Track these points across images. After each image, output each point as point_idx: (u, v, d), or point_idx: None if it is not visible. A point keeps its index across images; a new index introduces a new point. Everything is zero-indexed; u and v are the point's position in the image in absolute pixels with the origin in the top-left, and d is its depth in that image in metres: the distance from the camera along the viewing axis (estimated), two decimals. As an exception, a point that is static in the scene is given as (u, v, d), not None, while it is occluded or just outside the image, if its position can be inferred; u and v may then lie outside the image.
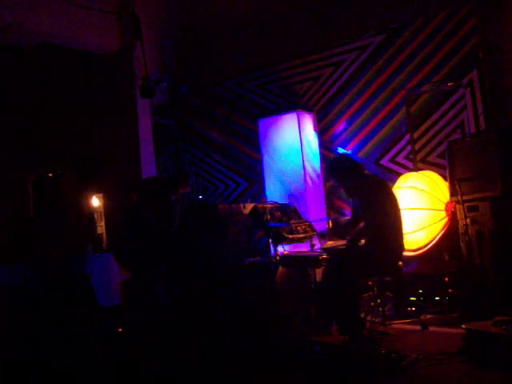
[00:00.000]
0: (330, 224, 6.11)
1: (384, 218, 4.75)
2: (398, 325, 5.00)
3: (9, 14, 6.75)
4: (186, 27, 8.75)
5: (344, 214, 6.90)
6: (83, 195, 8.33)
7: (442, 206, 5.46)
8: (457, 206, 5.16)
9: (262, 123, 7.19)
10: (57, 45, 7.76)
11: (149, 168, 8.06)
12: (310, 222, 5.85)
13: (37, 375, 4.14)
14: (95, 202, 9.39)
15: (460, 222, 5.10)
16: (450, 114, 6.13)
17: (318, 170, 7.07)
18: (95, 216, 9.45)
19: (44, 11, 7.09)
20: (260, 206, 5.77)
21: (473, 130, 5.87)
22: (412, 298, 5.34)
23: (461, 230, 5.08)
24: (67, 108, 9.75)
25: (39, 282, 6.40)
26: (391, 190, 5.08)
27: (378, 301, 5.06)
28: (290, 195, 6.05)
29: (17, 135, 9.86)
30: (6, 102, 9.65)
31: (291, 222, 5.62)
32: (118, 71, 8.23)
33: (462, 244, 5.07)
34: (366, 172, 5.29)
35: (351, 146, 6.90)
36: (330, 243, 6.25)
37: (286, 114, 6.97)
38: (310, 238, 5.67)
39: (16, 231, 8.68)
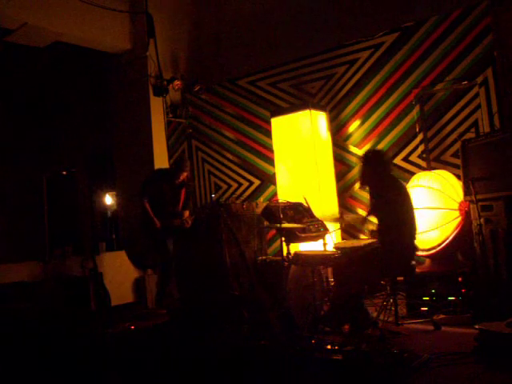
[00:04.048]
0: (343, 223, 6.11)
1: (399, 217, 4.75)
2: (411, 325, 4.98)
3: (22, 14, 6.81)
4: (198, 26, 8.77)
5: (356, 213, 6.89)
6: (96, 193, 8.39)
7: (456, 206, 5.43)
8: (470, 205, 5.12)
9: (275, 122, 7.19)
10: (70, 44, 7.82)
11: (162, 166, 8.09)
12: (322, 221, 5.84)
13: (48, 371, 4.18)
14: (108, 199, 9.46)
15: (474, 221, 5.06)
16: (464, 113, 6.09)
17: (331, 169, 7.06)
18: (108, 214, 9.51)
19: (57, 11, 7.15)
20: (272, 204, 5.77)
21: (487, 129, 5.83)
22: (425, 298, 5.30)
23: (474, 230, 5.04)
24: (81, 107, 9.84)
25: (53, 279, 6.46)
26: (406, 190, 5.07)
27: (391, 300, 5.04)
28: (303, 194, 6.03)
29: (31, 134, 9.96)
30: (20, 102, 9.75)
31: (304, 220, 5.61)
32: (132, 70, 8.28)
33: (475, 244, 5.03)
34: (391, 171, 5.29)
35: (364, 144, 6.88)
36: (342, 242, 6.25)
37: (298, 112, 6.96)
38: (323, 236, 5.65)
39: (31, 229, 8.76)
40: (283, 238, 5.37)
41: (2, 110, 9.33)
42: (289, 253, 5.26)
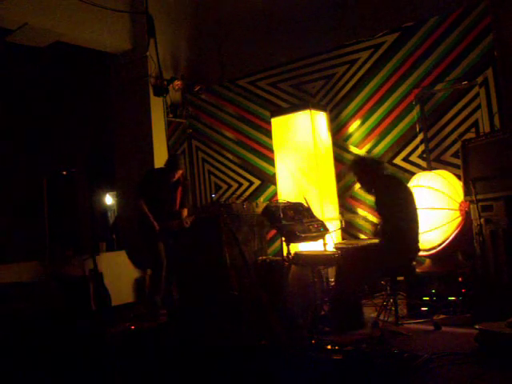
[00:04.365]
0: (343, 223, 6.11)
1: (401, 217, 4.75)
2: (411, 325, 4.97)
3: (22, 14, 6.81)
4: (198, 26, 8.77)
5: (357, 213, 6.89)
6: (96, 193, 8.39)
7: (456, 206, 5.43)
8: (471, 205, 5.11)
9: (275, 122, 7.18)
10: (71, 44, 7.82)
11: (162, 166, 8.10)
12: (322, 221, 5.84)
13: (48, 371, 4.18)
14: (109, 199, 9.46)
15: (474, 221, 5.05)
16: (464, 113, 6.10)
17: (331, 169, 7.06)
18: (108, 214, 9.52)
19: (57, 11, 7.15)
20: (273, 204, 5.77)
21: (487, 129, 5.83)
22: (425, 298, 5.30)
23: (475, 230, 5.03)
24: (81, 106, 9.84)
25: (53, 280, 6.45)
26: (409, 190, 5.07)
27: (391, 300, 5.04)
28: (303, 194, 6.03)
29: (31, 134, 9.96)
30: (21, 101, 9.74)
31: (304, 220, 5.61)
32: (132, 70, 8.28)
33: (475, 244, 5.02)
34: (386, 171, 5.30)
35: (364, 144, 6.88)
36: (342, 242, 6.25)
37: (298, 112, 6.96)
38: (323, 236, 5.66)
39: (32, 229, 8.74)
40: (283, 238, 5.37)
41: (2, 109, 9.33)
42: (289, 253, 5.26)
